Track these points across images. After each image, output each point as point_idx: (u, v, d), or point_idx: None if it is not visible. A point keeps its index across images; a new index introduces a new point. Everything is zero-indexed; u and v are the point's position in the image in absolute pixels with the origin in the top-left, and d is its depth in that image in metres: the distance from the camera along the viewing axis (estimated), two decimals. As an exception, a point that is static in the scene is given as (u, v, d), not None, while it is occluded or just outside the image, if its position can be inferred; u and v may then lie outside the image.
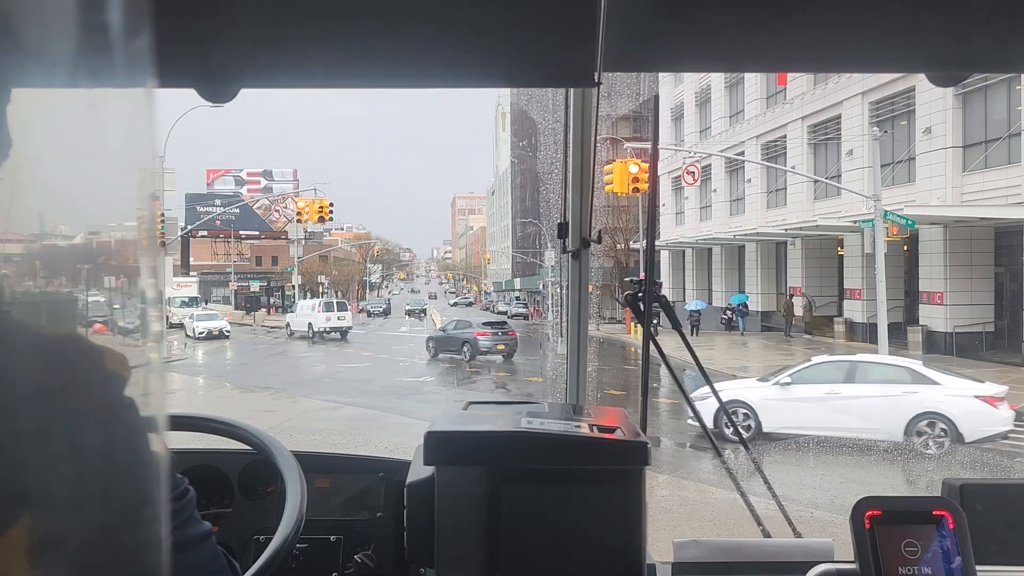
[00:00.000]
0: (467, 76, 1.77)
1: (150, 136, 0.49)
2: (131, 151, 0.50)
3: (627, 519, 1.43)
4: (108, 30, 0.46)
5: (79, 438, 0.54)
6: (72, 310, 0.62)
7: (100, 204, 0.52)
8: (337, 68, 1.73)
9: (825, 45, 1.67)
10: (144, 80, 0.47)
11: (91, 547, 0.51)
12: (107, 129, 0.50)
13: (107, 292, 0.61)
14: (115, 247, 0.52)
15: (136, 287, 0.54)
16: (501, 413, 1.65)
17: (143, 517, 0.89)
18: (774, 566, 1.84)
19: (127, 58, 0.47)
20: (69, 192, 0.51)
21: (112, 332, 0.62)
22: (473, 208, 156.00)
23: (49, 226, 0.55)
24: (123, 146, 0.51)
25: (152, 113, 0.49)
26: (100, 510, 0.51)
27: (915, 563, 1.51)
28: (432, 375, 23.06)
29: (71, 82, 0.47)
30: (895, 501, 1.60)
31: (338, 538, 1.98)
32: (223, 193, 69.56)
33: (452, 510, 1.44)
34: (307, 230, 59.86)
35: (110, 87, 0.48)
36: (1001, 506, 1.85)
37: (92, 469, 0.52)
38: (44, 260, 0.59)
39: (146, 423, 0.92)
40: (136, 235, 0.52)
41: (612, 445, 1.48)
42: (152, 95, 0.49)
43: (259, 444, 1.59)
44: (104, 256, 0.52)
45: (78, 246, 0.53)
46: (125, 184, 0.51)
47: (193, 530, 0.93)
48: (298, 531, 1.41)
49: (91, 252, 0.53)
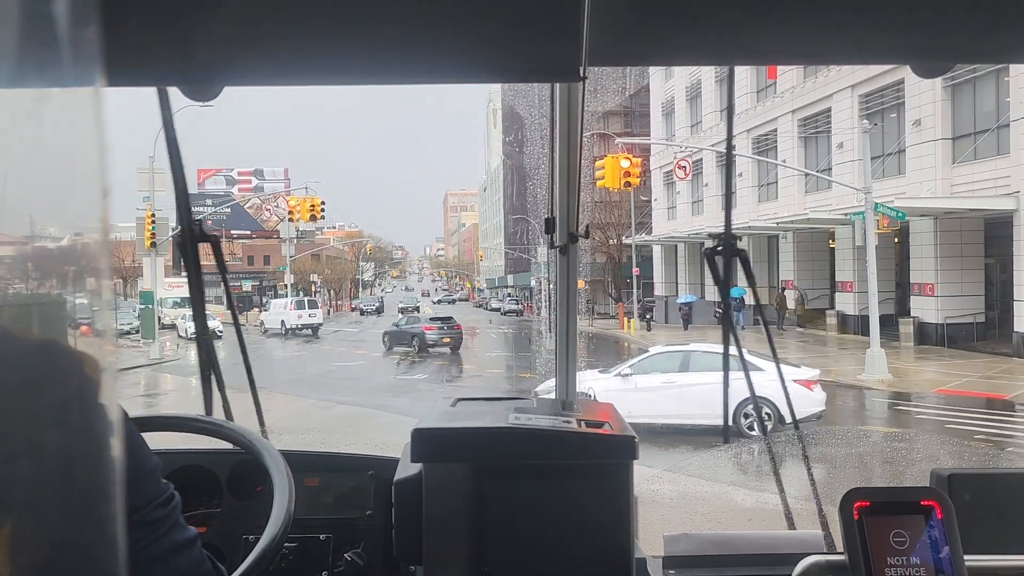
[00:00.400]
0: (451, 72, 1.76)
1: (99, 137, 0.48)
2: (79, 151, 0.49)
3: (615, 513, 1.43)
4: (54, 25, 0.45)
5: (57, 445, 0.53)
6: (48, 313, 0.61)
7: (46, 206, 0.51)
8: (321, 65, 1.72)
9: (809, 38, 1.67)
10: (93, 79, 0.46)
11: (70, 554, 0.51)
12: (53, 130, 0.48)
13: (70, 294, 0.60)
14: (71, 249, 0.51)
15: (92, 288, 0.53)
16: (489, 410, 1.65)
17: (124, 523, 0.88)
18: (764, 558, 1.84)
19: (75, 56, 0.45)
20: (14, 195, 0.50)
21: (74, 336, 0.61)
22: (465, 205, 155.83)
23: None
24: (70, 147, 0.49)
25: (100, 113, 0.48)
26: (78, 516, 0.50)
27: (904, 553, 1.51)
28: (426, 372, 23.05)
29: (15, 81, 0.46)
30: (884, 492, 1.61)
31: (328, 537, 1.98)
32: (214, 193, 69.23)
33: (440, 507, 1.44)
34: (299, 229, 59.65)
35: (57, 86, 0.47)
36: (989, 495, 1.85)
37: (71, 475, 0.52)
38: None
39: (126, 428, 0.92)
40: (90, 237, 0.51)
41: (598, 440, 1.48)
42: (100, 94, 0.47)
43: (247, 444, 1.59)
44: (60, 259, 0.51)
45: (35, 249, 0.52)
46: (73, 185, 0.50)
47: (179, 536, 0.93)
48: (286, 530, 1.41)
49: (46, 255, 0.52)
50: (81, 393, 0.53)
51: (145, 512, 0.88)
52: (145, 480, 0.91)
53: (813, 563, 1.61)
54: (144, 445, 0.94)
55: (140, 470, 0.91)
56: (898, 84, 24.42)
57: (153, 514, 0.89)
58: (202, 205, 62.50)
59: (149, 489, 0.90)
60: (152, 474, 0.92)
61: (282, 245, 55.22)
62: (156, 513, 0.89)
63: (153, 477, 0.92)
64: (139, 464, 0.91)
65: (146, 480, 0.91)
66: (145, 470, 0.91)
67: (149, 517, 0.88)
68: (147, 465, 0.92)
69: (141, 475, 0.90)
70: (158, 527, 0.89)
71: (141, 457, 0.92)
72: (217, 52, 1.59)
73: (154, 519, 0.89)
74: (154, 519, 0.89)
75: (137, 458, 0.91)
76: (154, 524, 0.89)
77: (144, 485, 0.90)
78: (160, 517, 0.90)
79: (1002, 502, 1.86)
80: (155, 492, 0.91)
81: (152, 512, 0.89)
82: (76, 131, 0.49)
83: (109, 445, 0.61)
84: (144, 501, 0.89)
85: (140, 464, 0.91)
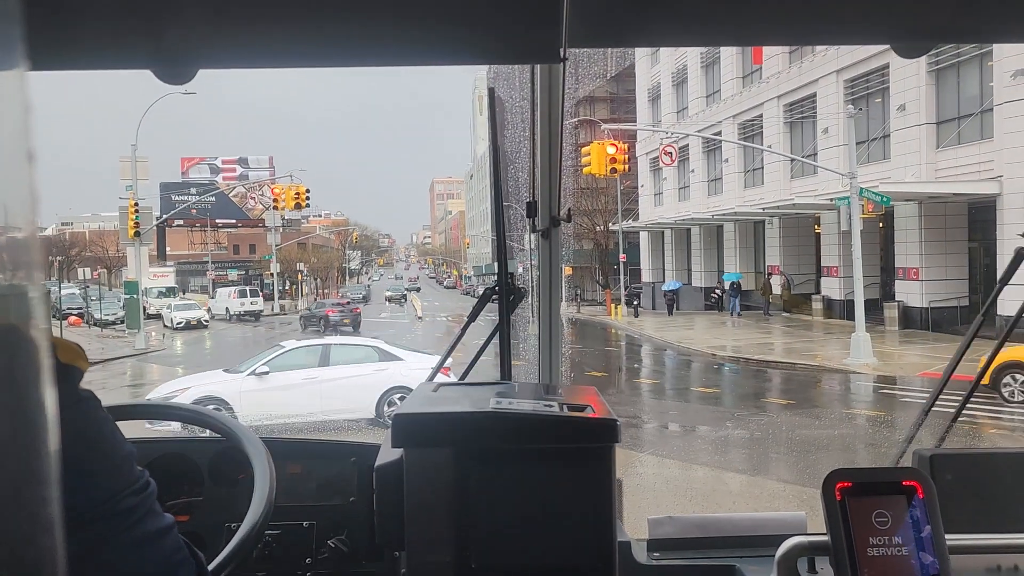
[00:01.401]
0: (431, 54, 1.74)
1: (23, 123, 0.46)
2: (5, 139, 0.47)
3: (598, 497, 1.43)
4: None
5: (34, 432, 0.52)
6: (25, 303, 0.59)
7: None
8: (298, 47, 1.70)
9: (791, 17, 1.66)
10: (15, 61, 0.45)
11: (52, 544, 0.49)
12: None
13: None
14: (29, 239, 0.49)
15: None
16: (470, 394, 1.64)
17: (101, 512, 0.86)
18: (747, 540, 1.85)
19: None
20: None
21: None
22: (452, 193, 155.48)
23: None
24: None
25: (25, 98, 0.46)
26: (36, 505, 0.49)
27: (886, 533, 1.52)
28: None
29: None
30: (866, 473, 1.61)
31: (311, 524, 1.97)
32: (198, 181, 68.67)
33: (421, 492, 1.43)
34: (284, 217, 59.36)
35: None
36: (971, 475, 1.87)
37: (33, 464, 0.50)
38: None
39: (98, 415, 0.90)
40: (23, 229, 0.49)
41: (580, 423, 1.47)
42: (24, 77, 0.45)
43: (226, 431, 1.57)
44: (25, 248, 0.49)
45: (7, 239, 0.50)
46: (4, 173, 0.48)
47: (154, 523, 0.91)
48: (267, 518, 1.40)
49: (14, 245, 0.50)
50: (45, 380, 0.52)
51: (119, 499, 0.87)
52: (118, 467, 0.89)
53: (796, 544, 1.61)
54: (117, 431, 0.92)
55: (113, 457, 0.89)
56: (883, 69, 24.49)
57: (127, 502, 0.88)
58: (186, 194, 62.07)
59: (123, 476, 0.89)
60: (126, 461, 0.90)
61: (268, 234, 54.93)
62: (130, 501, 0.88)
63: (127, 464, 0.90)
64: (112, 451, 0.89)
65: (119, 467, 0.89)
66: (118, 457, 0.90)
67: (123, 505, 0.87)
68: (120, 452, 0.90)
69: (113, 463, 0.89)
70: (132, 514, 0.88)
71: (114, 444, 0.90)
72: (190, 34, 1.57)
73: (128, 507, 0.88)
74: (128, 507, 0.88)
75: (110, 445, 0.90)
76: (128, 512, 0.87)
77: (117, 472, 0.89)
78: (134, 505, 0.88)
79: (983, 482, 1.88)
80: (129, 479, 0.89)
81: (126, 500, 0.88)
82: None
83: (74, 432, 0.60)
84: (117, 488, 0.87)
85: (113, 451, 0.90)
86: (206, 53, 1.64)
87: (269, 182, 60.28)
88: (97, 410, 0.90)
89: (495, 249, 2.26)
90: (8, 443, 0.48)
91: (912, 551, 1.50)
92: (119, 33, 1.46)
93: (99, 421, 0.89)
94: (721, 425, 13.18)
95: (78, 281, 42.72)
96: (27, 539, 0.48)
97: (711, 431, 12.66)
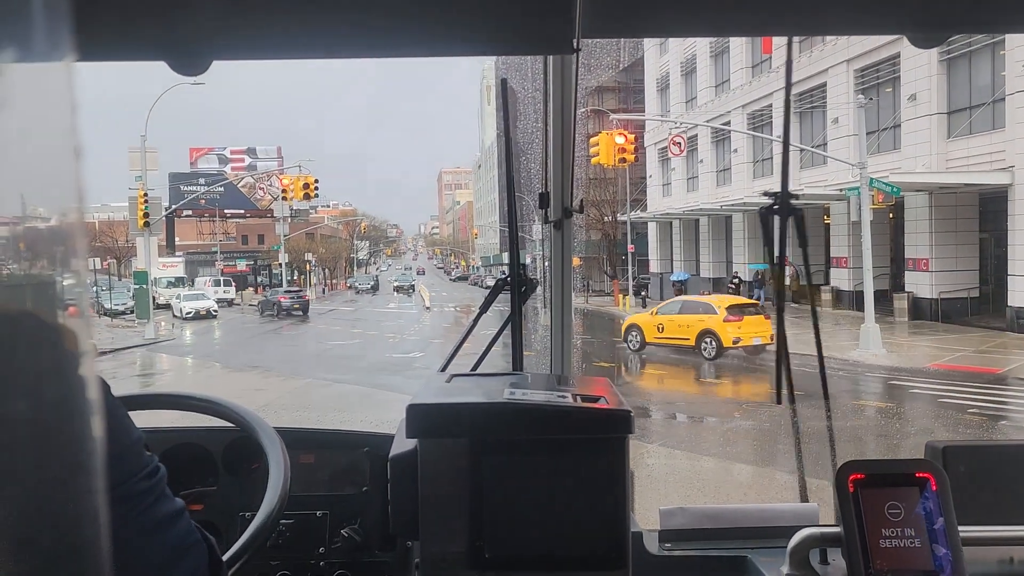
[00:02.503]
0: (443, 44, 1.74)
1: (70, 115, 0.46)
2: (47, 131, 0.47)
3: (611, 487, 1.43)
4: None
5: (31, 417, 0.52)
6: (39, 294, 0.60)
7: (30, 186, 0.49)
8: (311, 38, 1.70)
9: (805, 7, 1.65)
10: (63, 53, 0.45)
11: (55, 530, 0.50)
12: (22, 108, 0.46)
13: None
14: (58, 229, 0.49)
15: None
16: (484, 385, 1.65)
17: (112, 498, 0.87)
18: (759, 531, 1.85)
19: (46, 29, 0.44)
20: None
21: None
22: (460, 183, 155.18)
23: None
24: (38, 126, 0.48)
25: (72, 90, 0.46)
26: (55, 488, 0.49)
27: (899, 525, 1.52)
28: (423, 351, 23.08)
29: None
30: (878, 464, 1.61)
31: (324, 513, 1.98)
32: (207, 172, 68.84)
33: (435, 482, 1.44)
34: (292, 208, 59.46)
35: (26, 61, 0.44)
36: (983, 467, 1.86)
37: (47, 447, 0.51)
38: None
39: (107, 401, 0.91)
40: (72, 215, 0.49)
41: (594, 414, 1.47)
42: (72, 69, 0.45)
43: (240, 421, 1.58)
44: (50, 239, 0.50)
45: (26, 229, 0.50)
46: (52, 165, 0.48)
47: (165, 507, 0.92)
48: (282, 507, 1.41)
49: (36, 235, 0.51)
50: (57, 366, 0.52)
51: (129, 485, 0.87)
52: (128, 453, 0.90)
53: (808, 535, 1.62)
54: (126, 417, 0.93)
55: (122, 443, 0.90)
56: (894, 58, 24.30)
57: (137, 487, 0.88)
58: (195, 184, 62.18)
59: (132, 461, 0.89)
60: (135, 446, 0.91)
61: (276, 224, 55.02)
62: (140, 486, 0.89)
63: (136, 449, 0.91)
64: (121, 437, 0.90)
65: (129, 453, 0.90)
66: (128, 442, 0.90)
67: (133, 490, 0.88)
68: (129, 437, 0.91)
69: (123, 448, 0.89)
70: (143, 499, 0.88)
71: (123, 430, 0.91)
72: (204, 26, 1.57)
73: (138, 491, 0.88)
74: (138, 491, 0.88)
75: (119, 431, 0.90)
76: (139, 496, 0.88)
77: (127, 458, 0.89)
78: (145, 489, 0.89)
79: (996, 474, 1.87)
80: (138, 464, 0.90)
81: (136, 484, 0.88)
82: (50, 108, 0.47)
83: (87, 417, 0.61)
84: (127, 474, 0.88)
85: (122, 437, 0.90)
86: (221, 44, 1.64)
87: (277, 172, 60.32)
88: (105, 395, 0.90)
89: (504, 240, 2.26)
90: (21, 424, 0.48)
91: (925, 543, 1.50)
92: (134, 25, 1.46)
93: (107, 407, 0.90)
94: (729, 416, 13.17)
95: (88, 271, 42.94)
96: (40, 518, 0.48)
97: (719, 423, 12.66)
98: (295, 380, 17.86)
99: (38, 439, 0.50)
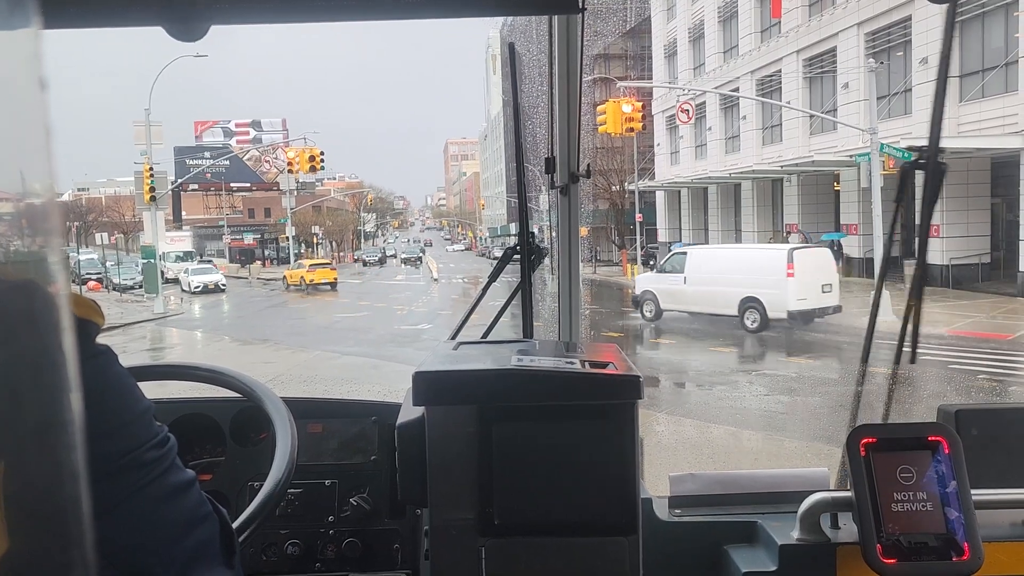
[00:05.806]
0: (449, 5, 1.71)
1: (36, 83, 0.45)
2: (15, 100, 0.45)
3: (621, 453, 1.42)
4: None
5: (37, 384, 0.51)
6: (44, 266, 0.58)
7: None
8: (311, 0, 1.66)
9: None
10: (28, 20, 0.44)
11: (65, 498, 0.48)
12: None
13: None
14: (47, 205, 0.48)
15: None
16: (491, 352, 1.63)
17: (122, 465, 0.87)
18: (769, 496, 1.84)
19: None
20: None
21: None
22: (466, 154, 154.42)
23: None
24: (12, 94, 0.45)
25: (38, 57, 0.44)
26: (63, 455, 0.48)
27: (911, 488, 1.51)
28: (431, 323, 23.14)
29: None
30: (890, 428, 1.60)
31: (333, 482, 1.99)
32: (212, 145, 68.60)
33: (443, 449, 1.43)
34: (299, 180, 59.36)
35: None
36: (996, 430, 1.85)
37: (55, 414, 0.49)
38: None
39: (116, 370, 0.90)
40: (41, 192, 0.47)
41: (603, 380, 1.46)
42: (38, 36, 0.45)
43: (247, 391, 1.58)
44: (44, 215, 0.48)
45: (27, 205, 0.48)
46: (21, 136, 0.46)
47: (176, 477, 0.92)
48: (289, 476, 1.40)
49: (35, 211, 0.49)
50: (63, 334, 0.51)
51: (138, 453, 0.87)
52: (137, 422, 0.90)
53: (819, 500, 1.61)
54: (136, 388, 0.92)
55: (132, 412, 0.90)
56: (905, 21, 23.92)
57: (147, 455, 0.88)
58: (201, 158, 62.08)
59: (141, 430, 0.89)
60: (144, 416, 0.91)
61: (282, 197, 54.90)
62: (150, 454, 0.89)
63: (145, 419, 0.91)
64: (131, 406, 0.90)
65: (138, 422, 0.90)
66: (137, 411, 0.90)
67: (143, 458, 0.88)
68: (139, 407, 0.91)
69: (133, 417, 0.89)
70: (154, 468, 0.89)
71: (132, 399, 0.91)
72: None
73: (149, 460, 0.88)
74: (149, 460, 0.88)
75: (128, 400, 0.90)
76: (149, 465, 0.88)
77: (136, 426, 0.89)
78: (156, 458, 0.89)
79: (1009, 437, 1.86)
80: (148, 433, 0.90)
81: (146, 453, 0.88)
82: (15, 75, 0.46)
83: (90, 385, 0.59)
84: (137, 443, 0.88)
85: (132, 406, 0.90)
86: (218, 8, 1.61)
87: (283, 145, 60.14)
88: (114, 364, 0.90)
89: (512, 211, 2.24)
90: (30, 391, 0.49)
91: (937, 506, 1.49)
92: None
93: (116, 375, 0.89)
94: (739, 384, 13.18)
95: (96, 246, 43.03)
96: (52, 486, 0.48)
97: (728, 390, 12.67)
98: (304, 352, 17.96)
99: (45, 406, 0.49)
